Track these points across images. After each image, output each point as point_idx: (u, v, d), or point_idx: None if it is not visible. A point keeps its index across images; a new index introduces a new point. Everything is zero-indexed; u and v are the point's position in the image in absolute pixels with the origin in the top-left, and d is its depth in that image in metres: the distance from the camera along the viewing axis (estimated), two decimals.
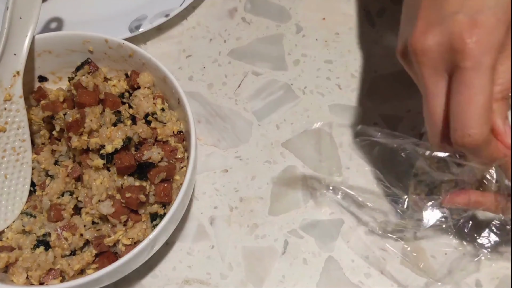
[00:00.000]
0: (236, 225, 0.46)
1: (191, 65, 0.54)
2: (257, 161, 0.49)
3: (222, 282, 0.44)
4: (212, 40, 0.55)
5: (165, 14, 0.53)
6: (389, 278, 0.44)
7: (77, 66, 0.46)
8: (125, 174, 0.42)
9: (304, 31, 0.56)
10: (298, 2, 0.57)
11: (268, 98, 0.52)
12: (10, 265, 0.40)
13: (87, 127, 0.42)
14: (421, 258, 0.45)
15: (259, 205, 0.47)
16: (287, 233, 0.46)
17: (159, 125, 0.44)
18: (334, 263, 0.45)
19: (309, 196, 0.47)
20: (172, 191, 0.42)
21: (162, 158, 0.42)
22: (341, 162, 0.49)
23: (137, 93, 0.45)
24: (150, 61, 0.44)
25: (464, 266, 0.43)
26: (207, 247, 0.46)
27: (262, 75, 0.53)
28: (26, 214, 0.43)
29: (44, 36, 0.45)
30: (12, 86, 0.43)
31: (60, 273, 0.40)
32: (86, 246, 0.42)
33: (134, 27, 0.53)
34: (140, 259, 0.40)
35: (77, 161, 0.44)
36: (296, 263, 0.45)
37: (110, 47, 0.45)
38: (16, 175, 0.44)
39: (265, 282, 0.44)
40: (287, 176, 0.48)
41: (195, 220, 0.47)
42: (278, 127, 0.51)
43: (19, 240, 0.42)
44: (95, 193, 0.42)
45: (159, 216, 0.42)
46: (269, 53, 0.55)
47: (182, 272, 0.45)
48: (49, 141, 0.46)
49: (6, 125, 0.43)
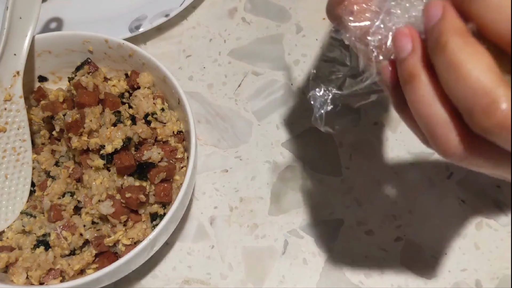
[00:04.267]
0: (236, 225, 0.46)
1: (191, 65, 0.54)
2: (257, 161, 0.49)
3: (222, 282, 0.44)
4: (212, 40, 0.55)
5: (165, 14, 0.53)
6: (389, 278, 0.44)
7: (77, 66, 0.46)
8: (125, 174, 0.42)
9: (304, 31, 0.56)
10: (298, 2, 0.57)
11: (268, 98, 0.52)
12: (10, 265, 0.40)
13: (87, 127, 0.42)
14: (421, 258, 0.45)
15: (259, 205, 0.47)
16: (287, 233, 0.46)
17: (159, 125, 0.44)
18: (334, 263, 0.45)
19: (309, 196, 0.47)
20: (172, 191, 0.42)
21: (162, 158, 0.42)
22: (341, 162, 0.49)
23: (137, 93, 0.45)
24: (150, 61, 0.44)
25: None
26: (207, 247, 0.46)
27: (262, 75, 0.53)
28: (26, 214, 0.43)
29: (44, 36, 0.45)
30: (12, 86, 0.43)
31: (60, 273, 0.40)
32: (86, 246, 0.42)
33: (134, 27, 0.53)
34: (140, 259, 0.40)
35: (77, 161, 0.44)
36: (296, 263, 0.45)
37: (110, 47, 0.45)
38: (17, 175, 0.44)
39: (265, 282, 0.44)
40: (287, 176, 0.48)
41: (195, 220, 0.47)
42: (278, 127, 0.51)
43: (19, 240, 0.42)
44: (95, 193, 0.42)
45: (159, 216, 0.42)
46: (269, 53, 0.55)
47: (182, 272, 0.45)
48: (49, 141, 0.46)
49: (7, 125, 0.43)
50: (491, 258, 0.45)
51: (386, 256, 0.45)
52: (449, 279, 0.44)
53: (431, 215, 0.46)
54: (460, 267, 0.45)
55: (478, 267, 0.45)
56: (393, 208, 0.47)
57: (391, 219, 0.46)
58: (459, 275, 0.44)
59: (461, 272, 0.44)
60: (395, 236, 0.46)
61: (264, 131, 0.51)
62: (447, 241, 0.45)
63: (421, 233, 0.46)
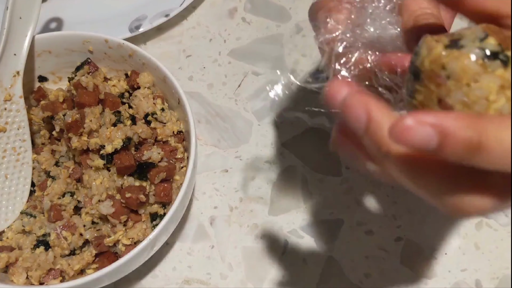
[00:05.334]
0: (236, 225, 0.46)
1: (191, 65, 0.54)
2: (257, 161, 0.49)
3: (222, 282, 0.44)
4: (212, 40, 0.55)
5: (165, 14, 0.53)
6: (389, 278, 0.44)
7: (77, 66, 0.46)
8: (125, 174, 0.42)
9: (304, 31, 0.56)
10: (298, 2, 0.57)
11: (268, 98, 0.52)
12: (10, 265, 0.40)
13: (87, 127, 0.42)
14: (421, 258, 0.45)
15: (259, 205, 0.47)
16: (287, 233, 0.46)
17: (159, 125, 0.44)
18: (334, 263, 0.45)
19: (309, 196, 0.47)
20: (172, 191, 0.42)
21: (162, 158, 0.42)
22: (341, 162, 0.49)
23: (137, 93, 0.45)
24: (150, 61, 0.44)
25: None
26: (207, 247, 0.46)
27: (262, 75, 0.53)
28: (26, 214, 0.43)
29: (44, 36, 0.45)
30: (12, 86, 0.43)
31: (60, 273, 0.40)
32: (86, 246, 0.42)
33: (134, 27, 0.53)
34: (140, 259, 0.40)
35: (77, 161, 0.44)
36: (296, 263, 0.45)
37: (110, 47, 0.45)
38: (17, 175, 0.44)
39: (265, 282, 0.44)
40: (287, 176, 0.48)
41: (195, 220, 0.47)
42: (278, 127, 0.51)
43: (19, 240, 0.42)
44: (95, 193, 0.42)
45: (159, 216, 0.42)
46: (269, 53, 0.55)
47: (182, 272, 0.45)
48: (49, 141, 0.46)
49: (7, 125, 0.43)
50: (491, 258, 0.45)
51: (386, 256, 0.45)
52: (449, 279, 0.44)
53: (431, 215, 0.46)
54: (460, 267, 0.45)
55: (478, 267, 0.45)
56: (393, 208, 0.47)
57: (391, 219, 0.46)
58: (459, 275, 0.44)
59: (461, 272, 0.44)
60: (395, 236, 0.46)
61: (264, 131, 0.51)
62: (447, 241, 0.45)
63: (421, 233, 0.46)
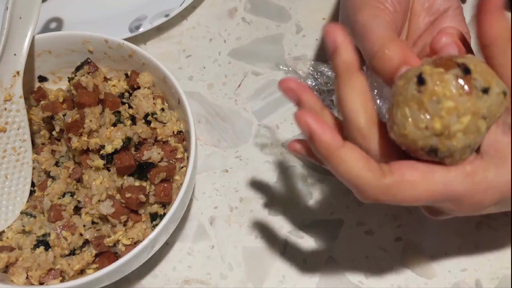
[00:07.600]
0: (236, 225, 0.46)
1: (191, 65, 0.54)
2: (257, 161, 0.49)
3: (222, 282, 0.44)
4: (212, 40, 0.55)
5: (165, 14, 0.53)
6: (389, 278, 0.44)
7: (77, 66, 0.46)
8: (125, 174, 0.42)
9: (304, 31, 0.56)
10: (298, 2, 0.57)
11: (268, 98, 0.52)
12: (10, 265, 0.40)
13: (87, 127, 0.42)
14: (421, 258, 0.45)
15: (259, 205, 0.47)
16: (287, 233, 0.46)
17: (159, 125, 0.44)
18: (334, 263, 0.45)
19: (309, 196, 0.47)
20: (172, 191, 0.42)
21: (162, 158, 0.43)
22: None
23: (137, 93, 0.45)
24: (150, 61, 0.44)
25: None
26: (207, 247, 0.46)
27: (262, 75, 0.53)
28: (26, 214, 0.43)
29: (44, 36, 0.45)
30: (12, 86, 0.43)
31: (60, 273, 0.40)
32: (86, 246, 0.42)
33: (134, 27, 0.53)
34: (140, 259, 0.40)
35: (77, 161, 0.44)
36: (296, 263, 0.45)
37: (110, 47, 0.45)
38: (17, 175, 0.44)
39: (265, 282, 0.44)
40: (287, 176, 0.48)
41: (195, 220, 0.47)
42: (278, 127, 0.51)
43: (19, 240, 0.42)
44: (95, 193, 0.42)
45: (159, 216, 0.42)
46: (269, 53, 0.55)
47: (182, 272, 0.45)
48: (49, 141, 0.46)
49: (7, 125, 0.43)
50: (491, 258, 0.45)
51: (386, 256, 0.45)
52: (449, 279, 0.44)
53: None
54: (460, 267, 0.45)
55: (478, 267, 0.45)
56: (393, 208, 0.47)
57: (391, 219, 0.46)
58: (459, 275, 0.44)
59: (461, 272, 0.44)
60: (395, 236, 0.46)
61: (264, 131, 0.51)
62: (447, 241, 0.45)
63: (421, 233, 0.46)
